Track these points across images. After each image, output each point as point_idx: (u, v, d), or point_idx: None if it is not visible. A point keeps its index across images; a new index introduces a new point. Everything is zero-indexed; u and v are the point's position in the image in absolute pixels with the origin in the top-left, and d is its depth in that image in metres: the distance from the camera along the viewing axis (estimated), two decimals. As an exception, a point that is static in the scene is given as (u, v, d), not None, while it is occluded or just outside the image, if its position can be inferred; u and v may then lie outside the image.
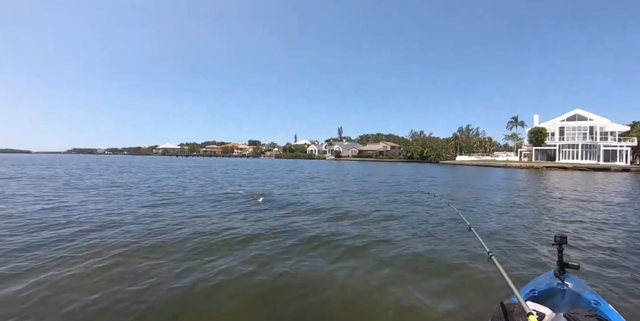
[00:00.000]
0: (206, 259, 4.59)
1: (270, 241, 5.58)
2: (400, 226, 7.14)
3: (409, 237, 6.12)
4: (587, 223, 7.73)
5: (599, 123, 50.59)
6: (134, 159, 67.67)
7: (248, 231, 6.31)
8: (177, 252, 4.91)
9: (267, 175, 25.29)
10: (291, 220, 7.57)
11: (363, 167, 46.07)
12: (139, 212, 8.15)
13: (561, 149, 51.83)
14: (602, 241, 5.87)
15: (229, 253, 4.89)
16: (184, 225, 6.74)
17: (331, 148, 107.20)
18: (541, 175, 31.16)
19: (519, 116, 72.91)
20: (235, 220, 7.47)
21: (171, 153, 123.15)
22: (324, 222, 7.42)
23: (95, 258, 4.51)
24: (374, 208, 9.57)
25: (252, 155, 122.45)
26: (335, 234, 6.22)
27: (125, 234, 5.86)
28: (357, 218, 7.95)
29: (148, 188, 13.83)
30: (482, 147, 78.64)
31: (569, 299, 2.08)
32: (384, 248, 5.33)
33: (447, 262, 4.67)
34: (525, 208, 10.24)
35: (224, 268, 4.24)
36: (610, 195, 14.66)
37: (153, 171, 27.47)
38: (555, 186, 19.82)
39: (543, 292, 2.11)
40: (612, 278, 3.98)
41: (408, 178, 24.15)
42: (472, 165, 56.87)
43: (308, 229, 6.60)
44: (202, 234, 5.97)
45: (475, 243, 5.37)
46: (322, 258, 4.77)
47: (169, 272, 4.06)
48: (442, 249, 5.32)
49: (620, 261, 4.71)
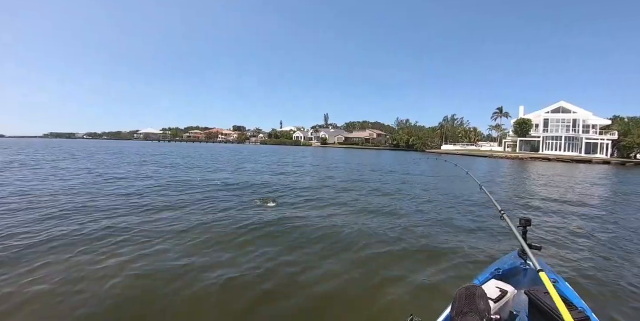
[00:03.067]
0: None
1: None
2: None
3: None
4: (556, 209, 8.34)
5: (582, 116, 51.38)
6: (115, 144, 65.13)
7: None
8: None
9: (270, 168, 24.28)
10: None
11: (361, 156, 45.67)
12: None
13: (545, 140, 52.59)
14: (565, 227, 6.36)
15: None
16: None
17: (317, 135, 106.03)
18: (527, 165, 31.73)
19: (503, 107, 73.77)
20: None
21: (153, 138, 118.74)
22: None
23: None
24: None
25: (237, 140, 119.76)
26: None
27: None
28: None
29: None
30: (467, 137, 79.30)
31: (530, 277, 2.23)
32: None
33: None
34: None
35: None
36: (587, 185, 15.40)
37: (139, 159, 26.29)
38: (540, 174, 21.02)
39: (507, 271, 2.24)
40: (570, 258, 4.35)
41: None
42: (457, 154, 57.16)
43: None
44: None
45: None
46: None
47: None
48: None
49: (577, 244, 5.12)
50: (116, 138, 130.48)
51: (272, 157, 29.81)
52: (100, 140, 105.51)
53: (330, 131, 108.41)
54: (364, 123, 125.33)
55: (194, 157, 25.95)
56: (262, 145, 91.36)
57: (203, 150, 40.49)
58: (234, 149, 51.96)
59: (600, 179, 19.63)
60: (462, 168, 3.31)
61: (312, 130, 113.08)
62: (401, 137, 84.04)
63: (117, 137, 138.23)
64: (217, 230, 5.28)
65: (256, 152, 42.09)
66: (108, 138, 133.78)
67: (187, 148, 46.90)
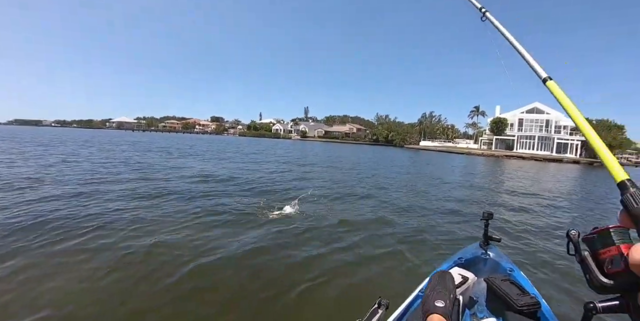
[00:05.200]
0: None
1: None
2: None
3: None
4: (522, 205, 8.83)
5: (555, 117, 53.24)
6: (87, 133, 62.25)
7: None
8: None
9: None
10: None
11: (341, 151, 45.56)
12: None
13: (519, 139, 54.22)
14: (526, 220, 6.77)
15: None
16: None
17: (297, 128, 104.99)
18: (502, 163, 32.56)
19: (480, 106, 75.48)
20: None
21: (127, 128, 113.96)
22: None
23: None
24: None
25: (215, 132, 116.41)
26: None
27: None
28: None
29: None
30: (445, 134, 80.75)
31: (489, 266, 2.37)
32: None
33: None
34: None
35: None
36: (557, 183, 16.65)
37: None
38: (514, 173, 21.67)
39: (469, 260, 2.36)
40: (526, 250, 4.74)
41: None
42: (435, 150, 58.08)
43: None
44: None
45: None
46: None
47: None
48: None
49: (535, 237, 5.50)
50: (87, 127, 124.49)
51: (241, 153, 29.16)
52: (72, 129, 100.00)
53: (311, 124, 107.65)
54: (345, 117, 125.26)
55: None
56: (240, 137, 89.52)
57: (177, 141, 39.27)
58: (209, 140, 50.71)
59: (570, 178, 20.31)
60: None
61: (292, 123, 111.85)
62: (381, 132, 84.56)
63: (89, 126, 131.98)
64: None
65: (229, 144, 41.25)
66: (78, 127, 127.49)
67: (160, 139, 45.38)
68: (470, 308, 1.95)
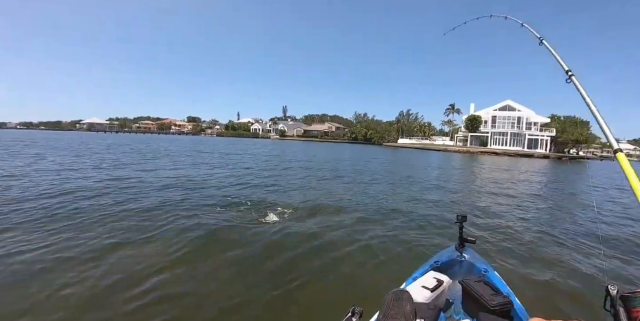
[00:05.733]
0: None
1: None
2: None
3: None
4: (497, 202, 8.88)
5: (526, 115, 55.21)
6: (55, 135, 59.42)
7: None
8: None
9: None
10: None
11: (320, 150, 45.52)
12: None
13: (493, 136, 55.92)
14: (499, 221, 6.56)
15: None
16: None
17: (276, 127, 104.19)
18: (477, 159, 33.44)
19: (455, 104, 77.32)
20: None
21: (98, 129, 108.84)
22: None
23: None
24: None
25: (192, 132, 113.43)
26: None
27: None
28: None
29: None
30: (422, 131, 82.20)
31: (465, 268, 2.40)
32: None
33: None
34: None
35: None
36: (529, 177, 17.11)
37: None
38: (488, 167, 22.48)
39: (444, 263, 2.39)
40: (501, 250, 4.68)
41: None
42: (413, 148, 59.05)
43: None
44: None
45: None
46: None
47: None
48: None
49: (508, 238, 5.37)
50: (56, 129, 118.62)
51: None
52: (40, 131, 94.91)
53: (289, 123, 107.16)
54: (323, 116, 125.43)
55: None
56: (218, 137, 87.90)
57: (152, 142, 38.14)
58: (198, 142, 49.60)
59: (540, 173, 21.08)
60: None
61: (271, 123, 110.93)
62: (359, 130, 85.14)
63: (58, 127, 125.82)
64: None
65: (215, 143, 40.48)
66: (46, 129, 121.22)
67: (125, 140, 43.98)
68: (447, 310, 1.98)
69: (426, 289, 1.82)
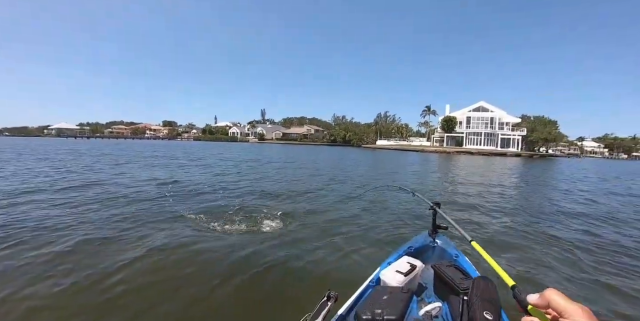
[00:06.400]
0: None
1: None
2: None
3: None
4: (471, 195, 9.09)
5: (498, 115, 57.17)
6: (24, 141, 56.34)
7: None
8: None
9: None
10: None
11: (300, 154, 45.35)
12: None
13: (468, 136, 57.51)
14: (471, 212, 6.80)
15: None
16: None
17: (254, 131, 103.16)
18: (453, 159, 34.25)
19: (431, 105, 79.07)
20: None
21: (68, 135, 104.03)
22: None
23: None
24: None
25: (168, 137, 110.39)
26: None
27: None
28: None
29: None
30: (400, 133, 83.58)
31: (437, 253, 2.50)
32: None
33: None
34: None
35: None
36: (502, 174, 17.59)
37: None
38: (463, 166, 23.24)
39: (418, 248, 2.47)
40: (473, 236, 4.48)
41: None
42: (391, 149, 59.88)
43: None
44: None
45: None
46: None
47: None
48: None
49: (480, 223, 5.67)
50: (22, 135, 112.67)
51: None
52: (5, 138, 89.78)
53: (268, 127, 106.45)
54: (302, 119, 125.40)
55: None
56: (195, 142, 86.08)
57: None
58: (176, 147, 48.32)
59: (512, 170, 21.84)
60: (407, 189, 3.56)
61: (249, 126, 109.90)
62: (338, 132, 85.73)
63: (24, 133, 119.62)
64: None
65: (190, 147, 39.54)
66: (11, 135, 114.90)
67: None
68: (420, 294, 2.04)
69: (400, 273, 1.88)
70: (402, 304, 1.50)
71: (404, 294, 1.59)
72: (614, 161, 69.02)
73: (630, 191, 12.09)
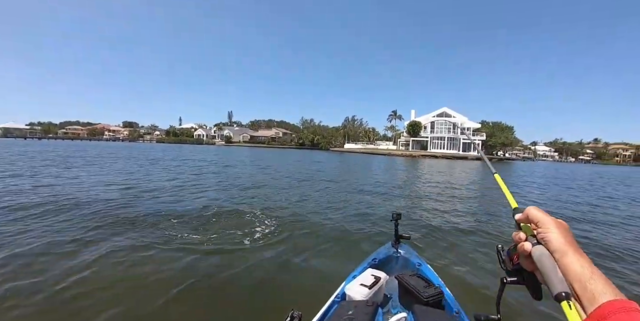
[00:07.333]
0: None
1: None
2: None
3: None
4: (434, 199, 9.20)
5: (460, 120, 59.84)
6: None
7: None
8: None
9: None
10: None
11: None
12: None
13: (432, 140, 59.64)
14: (432, 216, 6.84)
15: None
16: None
17: (221, 133, 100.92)
18: (418, 162, 35.31)
19: (397, 110, 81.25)
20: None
21: (16, 135, 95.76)
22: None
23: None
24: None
25: (128, 138, 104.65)
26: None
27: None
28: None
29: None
30: (367, 136, 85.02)
31: (400, 264, 2.49)
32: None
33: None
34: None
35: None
36: (463, 178, 18.29)
37: None
38: (428, 169, 23.72)
39: (382, 260, 2.46)
40: (433, 245, 4.84)
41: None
42: (359, 152, 60.72)
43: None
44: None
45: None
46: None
47: None
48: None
49: (441, 232, 5.58)
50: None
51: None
52: None
53: (235, 129, 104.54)
54: (270, 122, 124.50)
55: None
56: (158, 144, 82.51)
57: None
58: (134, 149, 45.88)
59: (472, 173, 22.83)
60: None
61: (216, 128, 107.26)
62: (307, 136, 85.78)
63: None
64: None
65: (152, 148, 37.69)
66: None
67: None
68: (385, 306, 2.05)
69: (364, 286, 1.88)
70: (367, 318, 1.51)
71: (368, 307, 1.60)
72: (562, 164, 74.11)
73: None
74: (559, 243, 0.58)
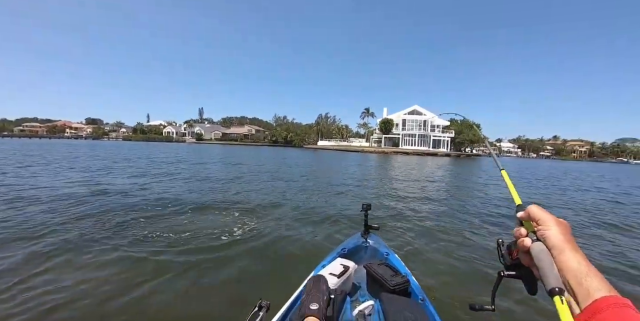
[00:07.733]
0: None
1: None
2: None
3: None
4: (405, 192, 9.48)
5: (430, 118, 61.37)
6: None
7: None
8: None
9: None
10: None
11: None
12: None
13: (403, 137, 60.87)
14: (401, 208, 7.09)
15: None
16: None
17: (191, 131, 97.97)
18: (391, 158, 36.06)
19: (370, 108, 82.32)
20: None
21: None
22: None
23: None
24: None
25: (92, 136, 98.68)
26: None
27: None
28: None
29: None
30: (340, 134, 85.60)
31: (369, 253, 2.58)
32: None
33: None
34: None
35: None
36: (433, 173, 19.04)
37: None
38: (399, 165, 24.53)
39: (351, 249, 2.52)
40: (401, 235, 4.98)
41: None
42: (333, 149, 61.05)
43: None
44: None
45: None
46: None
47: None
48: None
49: (409, 222, 5.81)
50: None
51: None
52: None
53: (207, 126, 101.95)
54: (242, 118, 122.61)
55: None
56: (124, 142, 78.78)
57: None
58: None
59: (442, 168, 23.64)
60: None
61: (186, 125, 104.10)
62: (280, 133, 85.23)
63: None
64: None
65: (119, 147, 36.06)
66: None
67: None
68: (353, 294, 2.12)
69: (333, 275, 1.91)
70: (337, 307, 1.53)
71: (337, 296, 1.63)
72: (524, 160, 78.07)
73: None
74: (557, 240, 0.60)
